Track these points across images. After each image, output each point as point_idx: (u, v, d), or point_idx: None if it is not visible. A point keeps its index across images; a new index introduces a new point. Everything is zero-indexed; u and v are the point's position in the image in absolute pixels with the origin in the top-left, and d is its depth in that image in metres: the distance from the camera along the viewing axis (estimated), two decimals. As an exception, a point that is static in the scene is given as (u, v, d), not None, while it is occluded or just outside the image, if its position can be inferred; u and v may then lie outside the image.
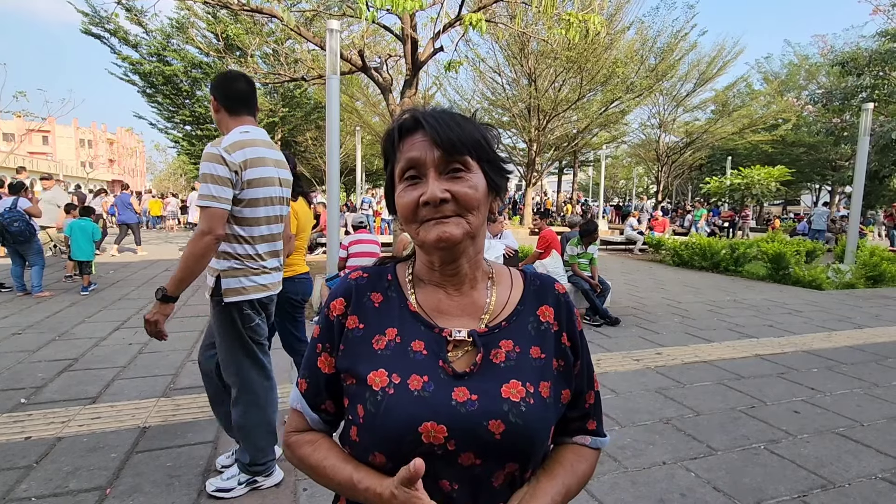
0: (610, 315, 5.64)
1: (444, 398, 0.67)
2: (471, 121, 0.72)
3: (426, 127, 0.68)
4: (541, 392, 0.71)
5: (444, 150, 0.67)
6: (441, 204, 0.67)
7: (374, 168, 27.38)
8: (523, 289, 0.80)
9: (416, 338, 0.72)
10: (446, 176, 0.68)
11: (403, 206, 0.70)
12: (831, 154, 24.68)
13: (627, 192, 48.54)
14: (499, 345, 0.73)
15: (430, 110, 0.71)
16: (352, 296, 0.77)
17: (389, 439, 0.66)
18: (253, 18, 12.20)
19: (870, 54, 12.85)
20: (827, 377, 3.97)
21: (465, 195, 0.67)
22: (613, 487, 2.36)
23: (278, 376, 3.77)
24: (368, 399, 0.68)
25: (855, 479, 2.48)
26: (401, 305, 0.76)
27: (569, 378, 0.77)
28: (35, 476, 2.35)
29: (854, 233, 9.31)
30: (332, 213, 6.02)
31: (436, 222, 0.67)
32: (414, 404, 0.66)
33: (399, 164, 0.71)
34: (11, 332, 4.77)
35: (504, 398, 0.68)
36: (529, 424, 0.67)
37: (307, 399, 0.78)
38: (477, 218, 0.70)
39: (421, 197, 0.67)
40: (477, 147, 0.69)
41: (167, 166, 59.07)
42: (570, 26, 5.55)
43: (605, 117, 18.77)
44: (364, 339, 0.73)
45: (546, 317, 0.77)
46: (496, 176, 0.73)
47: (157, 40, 19.67)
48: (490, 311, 0.76)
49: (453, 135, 0.67)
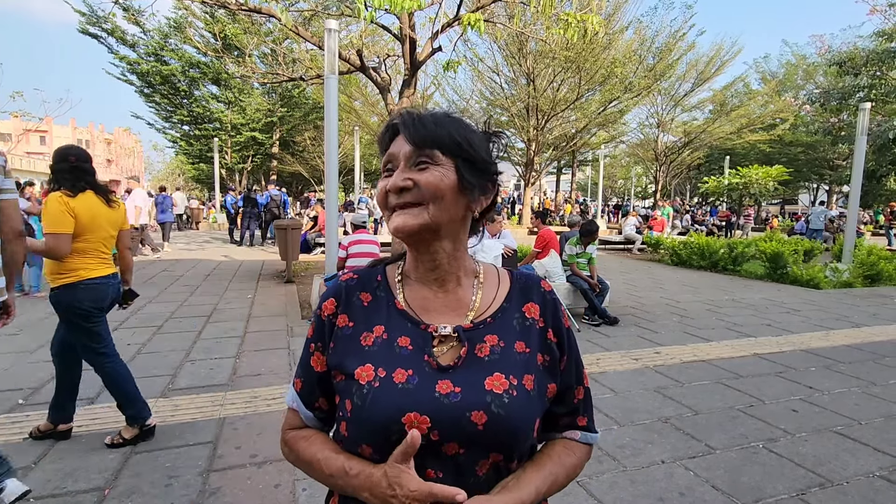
0: (609, 314, 5.65)
1: (427, 390, 0.69)
2: (458, 122, 0.74)
3: (401, 127, 0.73)
4: (524, 385, 0.72)
5: (413, 144, 0.71)
6: (402, 192, 0.70)
7: (372, 168, 27.33)
8: (510, 287, 0.82)
9: (403, 334, 0.75)
10: (413, 167, 0.71)
11: (377, 195, 0.75)
12: (829, 153, 24.77)
13: (626, 191, 48.58)
14: (483, 339, 0.75)
15: (417, 112, 0.74)
16: (342, 296, 0.80)
17: (375, 431, 0.69)
18: (251, 18, 12.20)
19: (867, 54, 12.88)
20: (825, 376, 3.99)
21: (426, 182, 0.70)
22: (612, 486, 2.36)
23: (278, 377, 3.78)
24: (355, 393, 0.71)
25: (853, 477, 2.49)
26: (388, 304, 0.78)
27: (555, 373, 0.78)
28: (34, 477, 2.35)
29: (851, 232, 9.34)
30: (331, 213, 6.01)
31: (399, 211, 0.71)
32: (398, 396, 0.69)
33: (383, 159, 0.76)
34: (9, 332, 4.76)
35: (487, 390, 0.70)
36: (512, 415, 0.69)
37: (302, 398, 0.81)
38: (440, 210, 0.71)
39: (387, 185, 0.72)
40: (449, 143, 0.71)
41: (165, 166, 58.99)
42: (568, 26, 5.55)
43: (604, 117, 18.78)
44: (353, 337, 0.76)
45: (531, 313, 0.79)
46: (471, 173, 0.73)
47: (155, 40, 19.64)
48: (475, 309, 0.78)
49: (426, 132, 0.71)
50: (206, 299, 6.45)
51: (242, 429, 2.89)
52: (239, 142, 22.59)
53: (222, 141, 21.91)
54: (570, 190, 34.40)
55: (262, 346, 4.54)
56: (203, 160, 24.36)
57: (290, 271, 7.86)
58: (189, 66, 20.35)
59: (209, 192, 27.63)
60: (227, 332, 4.92)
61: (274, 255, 10.94)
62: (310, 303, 6.16)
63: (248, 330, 5.04)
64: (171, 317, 5.51)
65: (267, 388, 3.53)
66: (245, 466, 2.49)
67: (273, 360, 4.16)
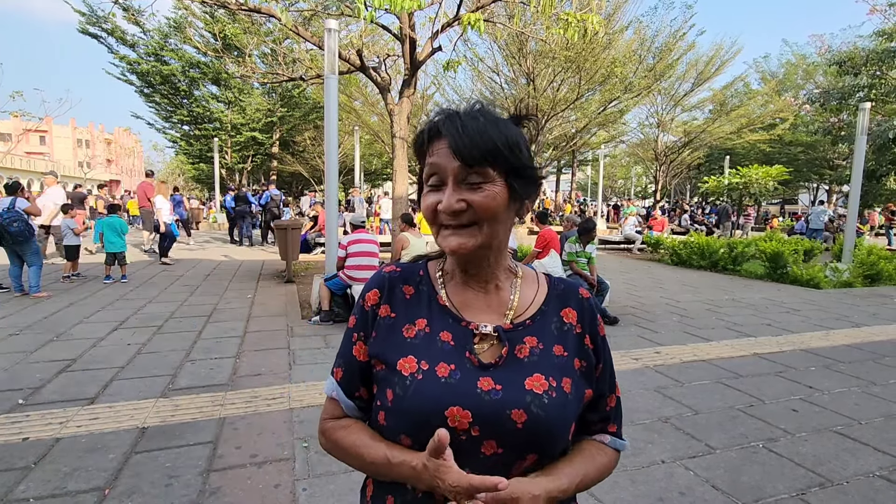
0: (609, 314, 5.65)
1: (469, 386, 0.70)
2: (499, 124, 0.72)
3: (447, 136, 0.70)
4: (563, 387, 0.73)
5: (463, 160, 0.68)
6: (457, 213, 0.70)
7: (372, 168, 27.36)
8: (547, 291, 0.83)
9: (444, 329, 0.76)
10: (465, 186, 0.70)
11: (425, 208, 0.74)
12: (829, 153, 24.75)
13: (626, 191, 48.57)
14: (523, 341, 0.76)
15: (457, 114, 0.71)
16: (385, 287, 0.81)
17: (416, 422, 0.70)
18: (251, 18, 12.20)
19: (867, 54, 12.86)
20: (825, 376, 3.99)
21: (480, 205, 0.69)
22: (613, 486, 2.36)
23: (278, 377, 3.78)
24: (398, 383, 0.72)
25: (853, 477, 2.49)
26: (430, 298, 0.80)
27: (590, 379, 0.79)
28: (33, 477, 2.35)
29: (851, 232, 9.33)
30: (331, 213, 6.01)
31: (452, 231, 0.71)
32: (441, 389, 0.70)
33: (425, 168, 0.74)
34: (9, 332, 4.76)
35: (527, 390, 0.71)
36: (551, 416, 0.70)
37: (342, 387, 0.81)
38: (493, 227, 0.72)
39: (438, 205, 0.70)
40: (498, 156, 0.69)
41: (165, 166, 58.91)
42: (568, 26, 5.55)
43: (604, 117, 18.76)
44: (394, 328, 0.78)
45: (569, 318, 0.80)
46: (520, 183, 0.73)
47: (155, 40, 19.62)
48: (514, 309, 0.79)
49: (473, 145, 0.68)
50: (206, 299, 6.45)
51: (242, 429, 2.89)
52: (239, 142, 22.58)
53: (222, 141, 21.90)
54: (569, 190, 34.37)
55: (262, 346, 4.54)
56: (203, 160, 24.36)
57: (290, 271, 7.86)
58: (189, 66, 20.33)
59: (209, 192, 27.62)
60: (227, 332, 4.92)
61: (274, 255, 10.94)
62: (310, 303, 6.16)
63: (248, 330, 5.04)
64: (171, 317, 5.50)
65: (267, 388, 3.53)
66: (245, 466, 2.49)
67: (273, 359, 4.16)
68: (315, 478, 2.37)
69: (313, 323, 5.35)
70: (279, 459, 2.53)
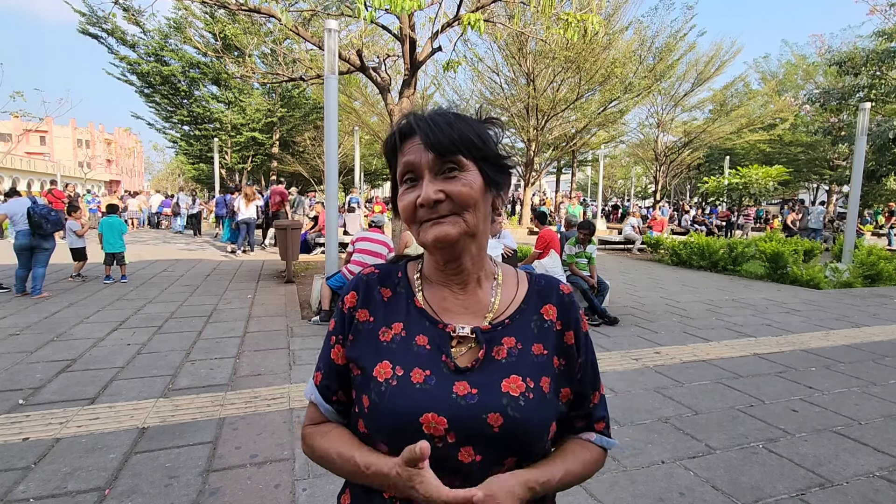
0: (608, 314, 5.65)
1: (444, 391, 0.69)
2: (466, 119, 0.73)
3: (418, 131, 0.70)
4: (542, 386, 0.72)
5: (436, 151, 0.69)
6: (436, 205, 0.69)
7: (372, 168, 27.38)
8: (528, 288, 0.82)
9: (421, 332, 0.75)
10: (441, 177, 0.70)
11: (403, 208, 0.72)
12: (829, 153, 24.73)
13: (626, 191, 48.56)
14: (501, 342, 0.75)
15: (425, 113, 0.73)
16: (361, 289, 0.80)
17: (391, 429, 0.69)
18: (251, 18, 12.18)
19: (867, 54, 12.85)
20: (825, 376, 3.98)
21: (459, 193, 0.69)
22: (612, 486, 2.36)
23: (278, 377, 3.78)
24: (373, 389, 0.71)
25: (853, 477, 2.49)
26: (408, 301, 0.78)
27: (570, 377, 0.78)
28: (33, 477, 2.35)
29: (851, 232, 9.33)
30: (331, 213, 6.01)
31: (433, 223, 0.70)
32: (415, 395, 0.69)
33: (399, 167, 0.74)
34: (9, 332, 4.76)
35: (503, 392, 0.70)
36: (528, 418, 0.69)
37: (321, 391, 0.80)
38: (474, 216, 0.71)
39: (418, 199, 0.70)
40: (470, 146, 0.70)
41: (165, 166, 58.95)
42: (568, 26, 5.55)
43: (604, 117, 18.77)
44: (372, 332, 0.77)
45: (549, 315, 0.79)
46: (494, 172, 0.73)
47: (155, 40, 19.64)
48: (494, 310, 0.78)
49: (444, 136, 0.69)
50: (206, 299, 6.45)
51: (242, 429, 2.89)
52: (239, 142, 22.59)
53: (222, 141, 21.91)
54: (569, 189, 34.34)
55: (262, 346, 4.54)
56: (203, 160, 24.37)
57: (290, 271, 7.86)
58: (189, 66, 20.34)
59: (209, 192, 27.62)
60: (227, 333, 4.92)
61: (274, 255, 10.94)
62: (310, 303, 6.16)
63: (248, 330, 5.04)
64: (171, 317, 5.50)
65: (267, 388, 3.53)
66: (245, 466, 2.49)
67: (273, 360, 4.16)
68: (315, 478, 2.37)
69: (313, 323, 5.35)
70: (279, 459, 2.53)
